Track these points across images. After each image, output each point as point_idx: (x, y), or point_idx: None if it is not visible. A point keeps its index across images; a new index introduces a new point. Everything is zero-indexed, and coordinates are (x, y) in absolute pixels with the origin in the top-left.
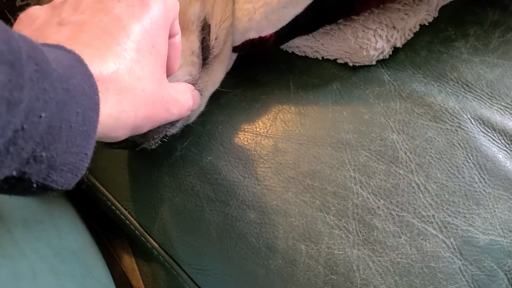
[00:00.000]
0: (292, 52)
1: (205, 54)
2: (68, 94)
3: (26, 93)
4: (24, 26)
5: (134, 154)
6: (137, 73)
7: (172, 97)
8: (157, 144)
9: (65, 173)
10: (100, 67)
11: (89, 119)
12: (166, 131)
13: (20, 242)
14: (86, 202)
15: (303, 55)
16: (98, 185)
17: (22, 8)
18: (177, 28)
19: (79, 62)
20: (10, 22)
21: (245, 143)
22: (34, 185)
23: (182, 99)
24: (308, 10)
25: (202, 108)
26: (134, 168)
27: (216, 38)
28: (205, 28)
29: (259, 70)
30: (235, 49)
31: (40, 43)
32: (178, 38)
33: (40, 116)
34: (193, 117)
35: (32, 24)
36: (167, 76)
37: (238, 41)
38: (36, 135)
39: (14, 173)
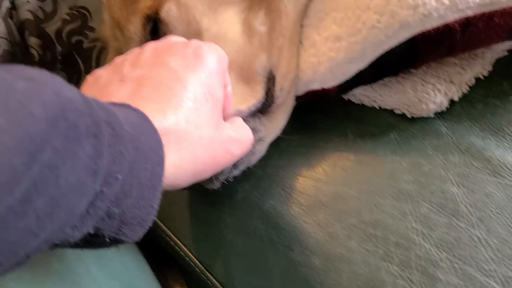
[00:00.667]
0: (348, 99)
1: (269, 103)
2: (138, 152)
3: (105, 159)
4: (90, 86)
5: (194, 195)
6: (195, 121)
7: (232, 138)
8: (219, 186)
9: (134, 226)
10: (162, 120)
11: (156, 174)
12: (229, 173)
13: (99, 280)
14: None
15: (360, 103)
16: (157, 220)
17: (90, 49)
18: (227, 78)
19: (145, 120)
20: (78, 64)
21: (306, 189)
22: (107, 240)
23: (243, 135)
24: (371, 64)
25: (262, 153)
26: (195, 207)
27: (281, 89)
28: (271, 79)
29: (316, 115)
30: (297, 98)
31: (110, 103)
32: (229, 88)
33: (117, 178)
34: (254, 161)
35: (97, 83)
36: None
37: (301, 91)
38: (112, 195)
39: (91, 230)
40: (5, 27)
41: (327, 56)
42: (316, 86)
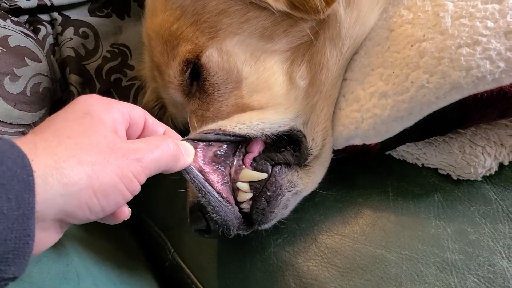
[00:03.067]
0: (389, 153)
1: (305, 155)
2: None
3: None
4: None
5: (224, 242)
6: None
7: (132, 149)
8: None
9: (12, 260)
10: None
11: (24, 201)
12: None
13: None
14: (169, 280)
15: (401, 159)
16: (184, 266)
17: (128, 87)
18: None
19: (11, 146)
20: None
21: (343, 249)
22: None
23: (151, 144)
24: (417, 123)
25: (295, 205)
26: (225, 257)
27: (313, 139)
28: (295, 133)
29: (354, 169)
30: (336, 152)
31: None
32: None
33: None
34: (286, 214)
35: None
36: None
37: (341, 145)
38: None
39: None
40: (47, 64)
41: (372, 112)
42: (358, 141)
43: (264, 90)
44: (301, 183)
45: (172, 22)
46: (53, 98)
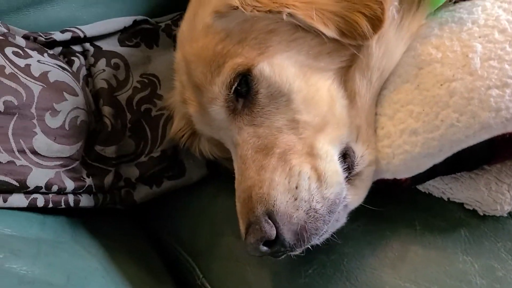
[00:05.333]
0: (415, 186)
1: (350, 169)
2: None
3: None
4: None
5: (254, 269)
6: None
7: None
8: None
9: None
10: None
11: None
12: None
13: None
14: None
15: (427, 192)
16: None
17: (158, 117)
18: None
19: None
20: (145, 132)
21: (372, 282)
22: None
23: None
24: (446, 159)
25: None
26: (255, 285)
27: (361, 156)
28: (348, 151)
29: (382, 201)
30: None
31: None
32: None
33: None
34: (338, 227)
35: None
36: None
37: (373, 178)
38: None
39: None
40: (83, 97)
41: (402, 149)
42: (389, 176)
43: (317, 105)
44: (350, 196)
45: (217, 44)
46: (88, 130)
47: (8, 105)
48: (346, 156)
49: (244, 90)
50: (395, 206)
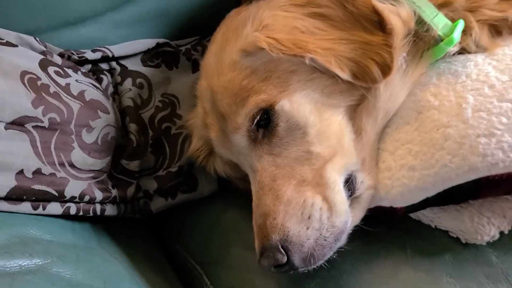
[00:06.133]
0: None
1: (351, 190)
2: None
3: None
4: None
5: (261, 280)
6: None
7: None
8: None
9: None
10: None
11: None
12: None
13: None
14: None
15: (417, 219)
16: None
17: (177, 135)
18: None
19: None
20: (165, 148)
21: None
22: None
23: None
24: (438, 193)
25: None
26: None
27: (361, 182)
28: (351, 177)
29: (377, 226)
30: (367, 210)
31: None
32: None
33: None
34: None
35: None
36: None
37: (371, 205)
38: None
39: None
40: (113, 115)
41: (400, 182)
42: (386, 204)
43: (328, 138)
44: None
45: (243, 79)
46: (116, 146)
47: (52, 122)
48: (348, 181)
49: (265, 122)
50: (389, 230)
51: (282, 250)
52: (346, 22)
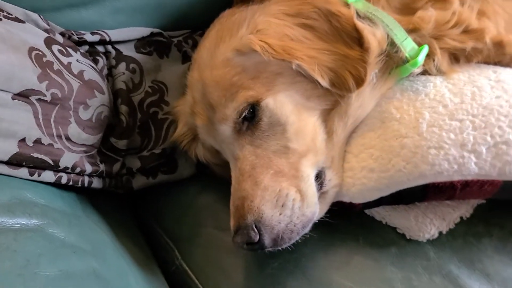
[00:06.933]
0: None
1: (320, 185)
2: None
3: None
4: None
5: (229, 260)
6: None
7: None
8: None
9: None
10: None
11: None
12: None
13: None
14: (173, 283)
15: (370, 215)
16: (190, 273)
17: (163, 120)
18: None
19: None
20: (151, 131)
21: (324, 279)
22: None
23: None
24: (391, 194)
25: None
26: (228, 270)
27: (329, 180)
28: (321, 173)
29: (336, 219)
30: None
31: None
32: None
33: None
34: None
35: None
36: None
37: (334, 199)
38: None
39: None
40: (108, 95)
41: (361, 181)
42: (346, 199)
43: (301, 134)
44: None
45: (234, 75)
46: (107, 126)
47: (53, 97)
48: (318, 177)
49: (250, 116)
50: (346, 223)
51: (255, 229)
52: (330, 35)
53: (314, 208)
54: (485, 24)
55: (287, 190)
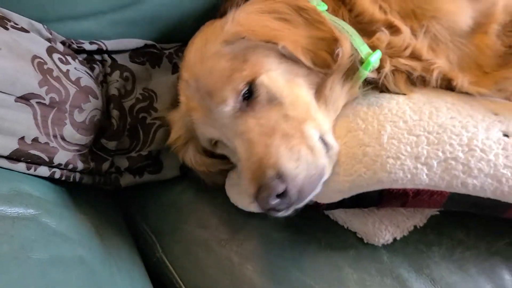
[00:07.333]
0: (327, 215)
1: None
2: None
3: None
4: None
5: (205, 255)
6: None
7: None
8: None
9: None
10: None
11: None
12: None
13: None
14: (153, 275)
15: (334, 220)
16: (169, 265)
17: (151, 125)
18: None
19: None
20: (139, 135)
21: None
22: None
23: None
24: (351, 197)
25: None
26: (204, 264)
27: (331, 142)
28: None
29: (303, 221)
30: None
31: None
32: None
33: None
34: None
35: None
36: None
37: None
38: None
39: None
40: (101, 100)
41: (326, 183)
42: (313, 198)
43: (300, 106)
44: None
45: (226, 62)
46: (99, 128)
47: (52, 100)
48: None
49: (247, 95)
50: (311, 226)
51: (278, 180)
52: (304, 25)
53: (324, 160)
54: (434, 59)
55: (298, 146)
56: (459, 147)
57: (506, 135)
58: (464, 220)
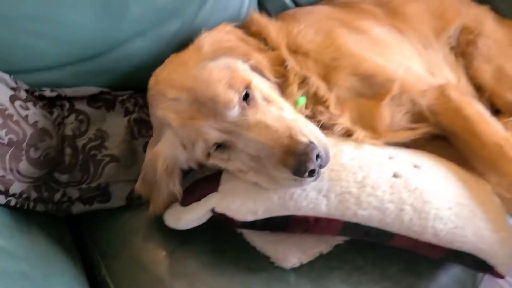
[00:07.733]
0: (248, 242)
1: None
2: None
3: None
4: None
5: (143, 274)
6: None
7: None
8: None
9: None
10: None
11: None
12: None
13: None
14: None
15: (253, 245)
16: (110, 283)
17: (100, 161)
18: None
19: None
20: (89, 169)
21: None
22: None
23: None
24: (264, 219)
25: None
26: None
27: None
28: None
29: (226, 244)
30: (214, 213)
31: None
32: None
33: None
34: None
35: None
36: None
37: (219, 210)
38: None
39: None
40: (56, 140)
41: (242, 201)
42: (229, 214)
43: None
44: None
45: (218, 72)
46: (52, 162)
47: (10, 140)
48: None
49: (246, 97)
50: (234, 250)
51: (312, 144)
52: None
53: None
54: (340, 115)
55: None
56: (354, 183)
57: (395, 176)
58: (364, 248)
